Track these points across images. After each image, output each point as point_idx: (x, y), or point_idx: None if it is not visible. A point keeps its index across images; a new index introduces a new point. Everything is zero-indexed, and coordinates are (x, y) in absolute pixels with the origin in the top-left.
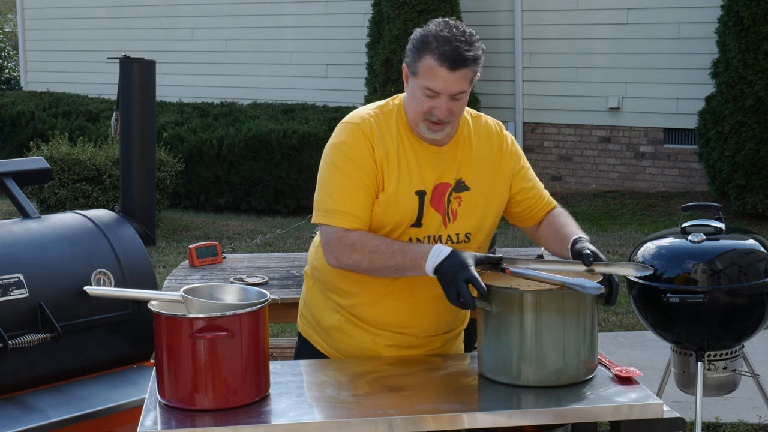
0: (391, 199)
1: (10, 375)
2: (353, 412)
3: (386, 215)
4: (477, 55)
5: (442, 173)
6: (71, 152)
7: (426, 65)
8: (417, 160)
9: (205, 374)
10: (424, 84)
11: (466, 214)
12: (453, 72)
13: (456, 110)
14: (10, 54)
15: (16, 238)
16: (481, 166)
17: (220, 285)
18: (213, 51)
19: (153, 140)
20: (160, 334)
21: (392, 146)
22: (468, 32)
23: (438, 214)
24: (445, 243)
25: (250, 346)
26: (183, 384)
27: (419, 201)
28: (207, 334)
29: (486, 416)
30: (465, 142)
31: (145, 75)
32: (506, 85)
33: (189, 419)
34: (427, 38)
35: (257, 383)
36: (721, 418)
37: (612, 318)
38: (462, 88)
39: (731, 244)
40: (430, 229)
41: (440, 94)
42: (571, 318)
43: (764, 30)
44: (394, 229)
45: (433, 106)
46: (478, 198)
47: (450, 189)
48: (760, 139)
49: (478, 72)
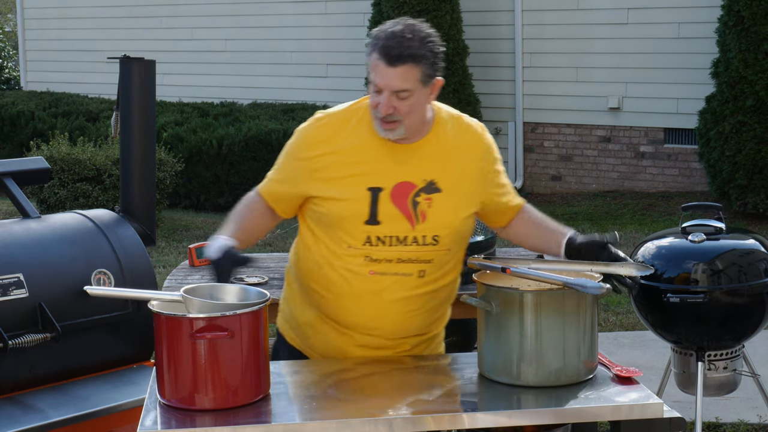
0: (341, 195)
1: (10, 375)
2: (353, 412)
3: (336, 210)
4: (421, 54)
5: (407, 173)
6: (71, 152)
7: (372, 60)
8: (376, 158)
9: (205, 374)
10: (371, 79)
11: (437, 216)
12: (391, 67)
13: (402, 109)
14: (10, 54)
15: (16, 238)
16: (457, 168)
17: (220, 285)
18: (213, 51)
19: (153, 140)
20: (160, 334)
21: (348, 144)
22: (423, 32)
23: (401, 214)
24: (411, 244)
25: (250, 346)
26: (183, 384)
27: (372, 197)
28: (207, 334)
29: (486, 416)
30: (440, 142)
31: (145, 75)
32: (506, 85)
33: (189, 419)
34: (378, 35)
35: (257, 383)
36: (722, 418)
37: (612, 318)
38: (404, 86)
39: (731, 244)
40: (392, 229)
41: (382, 90)
42: (571, 318)
43: (764, 30)
44: (347, 225)
45: (378, 102)
46: (450, 200)
47: (417, 189)
48: (760, 138)
49: (431, 74)
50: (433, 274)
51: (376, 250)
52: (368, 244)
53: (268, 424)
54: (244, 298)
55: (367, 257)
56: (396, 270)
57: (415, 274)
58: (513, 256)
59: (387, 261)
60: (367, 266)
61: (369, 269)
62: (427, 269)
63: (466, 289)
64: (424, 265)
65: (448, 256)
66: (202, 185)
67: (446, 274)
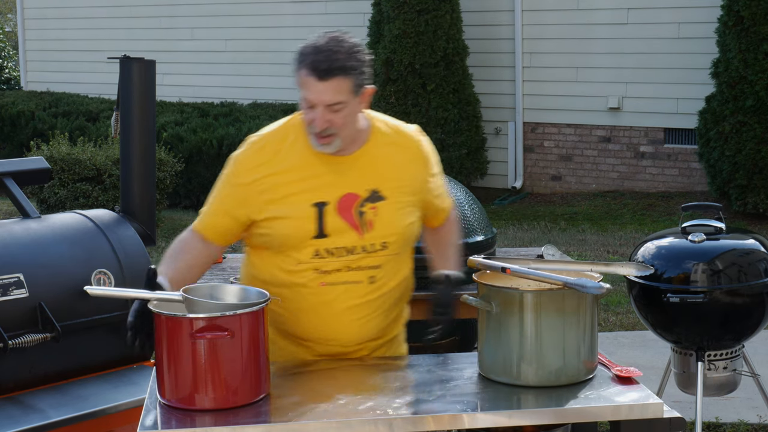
0: (285, 214)
1: (10, 375)
2: (353, 413)
3: (282, 229)
4: (350, 65)
5: (350, 184)
6: (71, 152)
7: (301, 77)
8: (317, 173)
9: (205, 374)
10: (302, 95)
11: (385, 222)
12: (322, 81)
13: (337, 122)
14: (10, 54)
15: (16, 238)
16: (399, 177)
17: (220, 285)
18: (213, 51)
19: (153, 140)
20: (161, 334)
21: (287, 162)
22: (349, 44)
23: (347, 225)
24: (359, 253)
25: (251, 346)
26: (183, 384)
27: (318, 212)
28: (207, 334)
29: (486, 416)
30: (375, 152)
31: (145, 75)
32: (506, 85)
33: (189, 419)
34: (304, 50)
35: (257, 383)
36: (722, 417)
37: (612, 318)
38: (336, 99)
39: (731, 244)
40: (340, 241)
41: (315, 105)
42: (571, 318)
43: (764, 30)
44: (296, 242)
45: (313, 118)
46: (395, 207)
47: (361, 200)
48: (760, 138)
49: (362, 84)
50: (383, 278)
51: (325, 262)
52: (317, 257)
53: (268, 424)
54: (244, 298)
55: (317, 270)
56: (346, 279)
57: (366, 281)
58: (513, 256)
59: (336, 271)
60: (318, 279)
61: (319, 281)
62: (376, 274)
63: (466, 289)
64: (374, 271)
65: (397, 259)
66: (202, 185)
67: (396, 274)
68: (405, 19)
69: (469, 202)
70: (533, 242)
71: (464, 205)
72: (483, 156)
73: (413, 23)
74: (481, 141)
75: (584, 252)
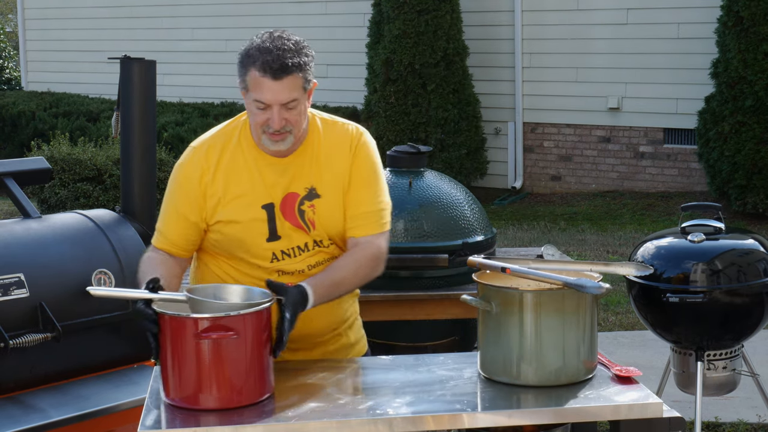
0: (235, 217)
1: (11, 374)
2: (353, 412)
3: (234, 233)
4: (302, 62)
5: (290, 183)
6: (72, 152)
7: (252, 79)
8: (261, 174)
9: (209, 374)
10: (254, 97)
11: (323, 221)
12: (277, 81)
13: (292, 119)
14: (10, 54)
15: (17, 238)
16: (333, 173)
17: (224, 285)
18: (213, 51)
19: (153, 140)
20: (166, 334)
21: (233, 165)
22: (293, 41)
23: (293, 225)
24: (313, 249)
25: (255, 345)
26: (187, 384)
27: (268, 215)
28: (212, 334)
29: (486, 416)
30: (314, 149)
31: (145, 75)
32: (506, 85)
33: (193, 418)
34: (250, 52)
35: (262, 383)
36: (721, 417)
37: (612, 318)
38: (291, 96)
39: (731, 244)
40: (293, 240)
41: (270, 105)
42: (571, 318)
43: (764, 30)
44: (252, 247)
45: (267, 118)
46: (330, 204)
47: (300, 198)
48: (760, 139)
49: (310, 79)
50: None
51: (285, 264)
52: (276, 260)
53: (268, 424)
54: (247, 298)
55: (280, 272)
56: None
57: None
58: (513, 256)
59: (299, 272)
60: (283, 280)
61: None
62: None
63: (466, 288)
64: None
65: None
66: None
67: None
68: (405, 20)
69: (469, 202)
70: (533, 242)
71: (464, 205)
72: (483, 156)
73: (413, 23)
74: (480, 141)
75: (584, 252)
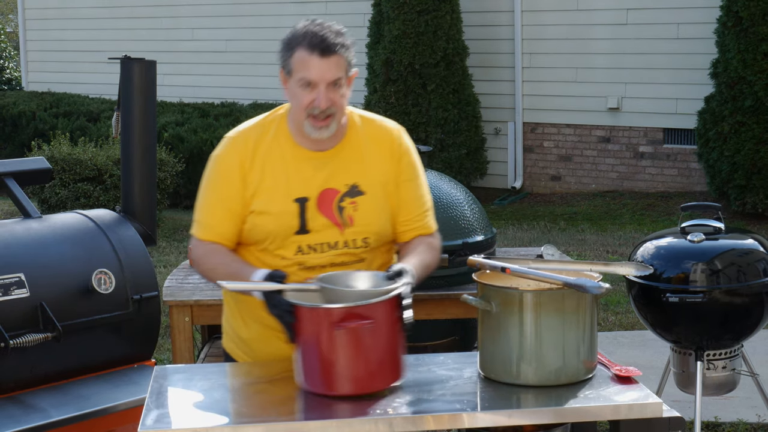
0: (267, 209)
1: (11, 374)
2: (353, 412)
3: (264, 225)
4: (346, 44)
5: (329, 179)
6: (72, 152)
7: (298, 59)
8: (298, 169)
9: (346, 361)
10: (300, 77)
11: (365, 219)
12: (324, 59)
13: (337, 100)
14: (11, 54)
15: (17, 238)
16: (376, 171)
17: (350, 272)
18: (213, 51)
19: (154, 140)
20: (302, 325)
21: (269, 157)
22: (335, 27)
23: (328, 221)
24: (342, 248)
25: (391, 331)
26: (325, 371)
27: (300, 208)
28: (348, 323)
29: (486, 416)
30: (354, 146)
31: (145, 75)
32: (506, 85)
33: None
34: (295, 35)
35: (396, 368)
36: (721, 417)
37: (612, 318)
38: (337, 75)
39: (730, 244)
40: (322, 236)
41: (317, 83)
42: (571, 318)
43: (763, 30)
44: (278, 238)
45: (313, 98)
46: (374, 202)
47: (341, 194)
48: (759, 139)
49: (352, 65)
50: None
51: (309, 258)
52: (300, 253)
53: (268, 423)
54: (375, 284)
55: (300, 265)
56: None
57: None
58: (513, 256)
59: (321, 267)
60: (302, 274)
61: (304, 277)
62: (360, 267)
63: (466, 288)
64: (358, 265)
65: (380, 251)
66: None
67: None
68: (405, 20)
69: (469, 202)
70: (533, 242)
71: (464, 205)
72: (483, 156)
73: (413, 23)
74: (480, 141)
75: (584, 252)
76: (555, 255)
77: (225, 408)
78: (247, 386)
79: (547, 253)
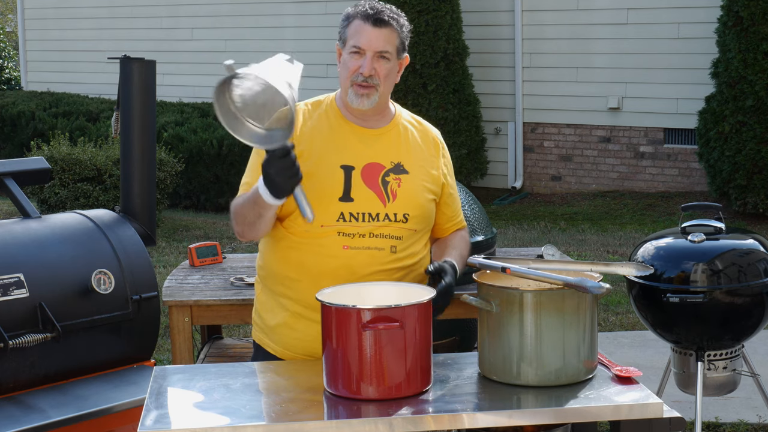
0: (313, 169)
1: (11, 374)
2: (353, 412)
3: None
4: (401, 23)
5: (375, 155)
6: (72, 152)
7: (353, 28)
8: (346, 140)
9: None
10: (351, 44)
11: (407, 195)
12: (376, 28)
13: (381, 72)
14: (10, 54)
15: (17, 238)
16: (419, 158)
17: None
18: (213, 51)
19: (153, 140)
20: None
21: (318, 126)
22: (395, 8)
23: (372, 192)
24: (383, 220)
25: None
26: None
27: (345, 175)
28: (378, 325)
29: (486, 416)
30: (401, 134)
31: (145, 75)
32: (506, 85)
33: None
34: (356, 8)
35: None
36: (721, 417)
37: (612, 318)
38: (386, 47)
39: (731, 244)
40: (365, 206)
41: (365, 51)
42: (571, 318)
43: (764, 30)
44: (322, 201)
45: (359, 66)
46: (417, 182)
47: (386, 170)
48: (760, 138)
49: (405, 46)
50: (404, 251)
51: (349, 225)
52: (342, 220)
53: (268, 423)
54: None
55: (341, 233)
56: (369, 245)
57: (387, 249)
58: (513, 256)
59: (360, 236)
60: (341, 242)
61: (342, 244)
62: (398, 245)
63: (466, 288)
64: (396, 241)
65: (416, 237)
66: (202, 185)
67: (416, 254)
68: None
69: (469, 202)
70: (533, 242)
71: (464, 205)
72: (483, 156)
73: (413, 23)
74: (481, 141)
75: (584, 252)
76: (555, 255)
77: (225, 408)
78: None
79: (547, 253)
